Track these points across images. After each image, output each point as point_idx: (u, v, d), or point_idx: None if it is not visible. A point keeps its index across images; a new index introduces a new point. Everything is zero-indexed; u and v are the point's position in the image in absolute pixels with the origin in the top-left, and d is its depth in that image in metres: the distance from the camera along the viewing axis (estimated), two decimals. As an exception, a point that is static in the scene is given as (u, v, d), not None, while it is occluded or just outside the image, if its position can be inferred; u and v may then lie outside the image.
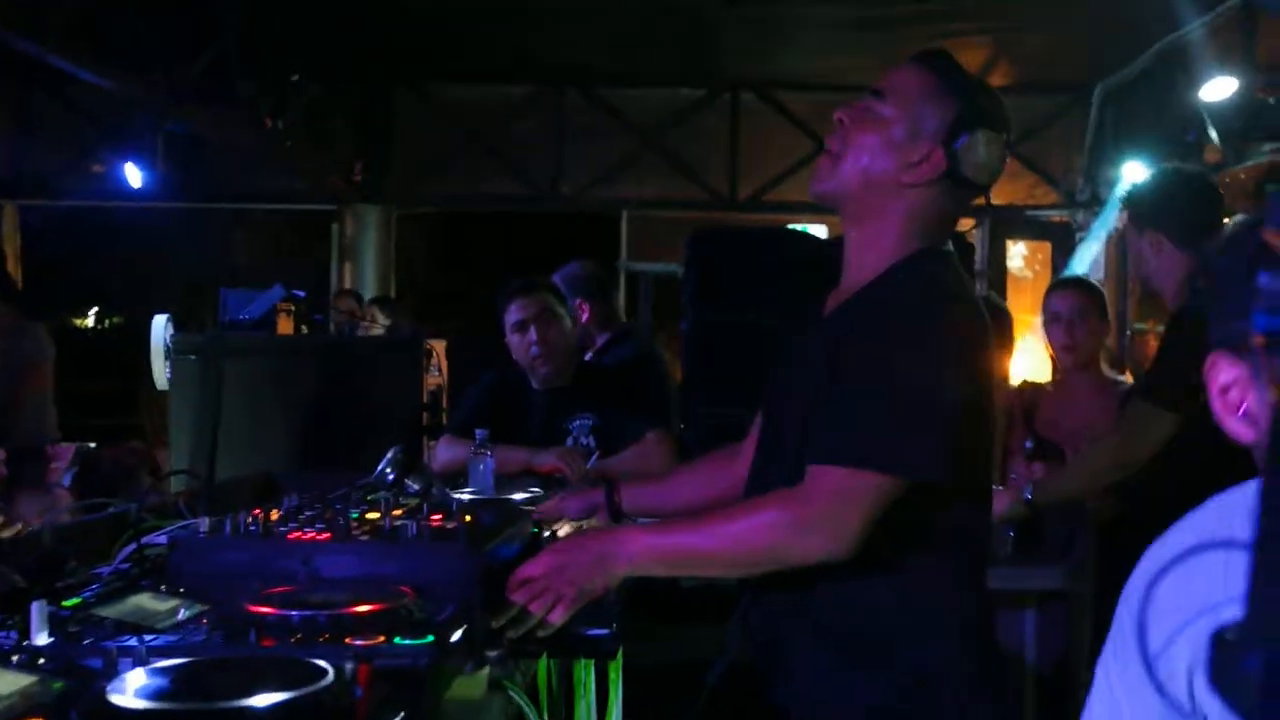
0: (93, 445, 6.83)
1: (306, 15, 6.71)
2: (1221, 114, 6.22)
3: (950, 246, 2.04)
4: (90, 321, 16.03)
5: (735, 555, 1.84)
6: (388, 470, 2.55)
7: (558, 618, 1.80)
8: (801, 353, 2.03)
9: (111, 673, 1.34)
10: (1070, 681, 3.28)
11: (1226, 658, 0.77)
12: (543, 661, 1.85)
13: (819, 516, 1.77)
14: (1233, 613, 0.77)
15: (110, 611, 1.66)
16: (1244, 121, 6.08)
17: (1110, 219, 7.75)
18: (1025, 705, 3.29)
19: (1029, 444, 3.61)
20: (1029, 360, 6.33)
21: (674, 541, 1.89)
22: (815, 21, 6.80)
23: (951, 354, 1.85)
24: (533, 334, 3.61)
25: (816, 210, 8.26)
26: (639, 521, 2.40)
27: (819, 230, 8.49)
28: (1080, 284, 4.22)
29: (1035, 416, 3.84)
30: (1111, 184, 7.63)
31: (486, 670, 1.65)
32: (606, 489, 2.36)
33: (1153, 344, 6.00)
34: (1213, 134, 6.32)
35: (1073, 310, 3.81)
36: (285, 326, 5.33)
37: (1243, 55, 6.17)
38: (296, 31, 6.79)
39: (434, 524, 2.00)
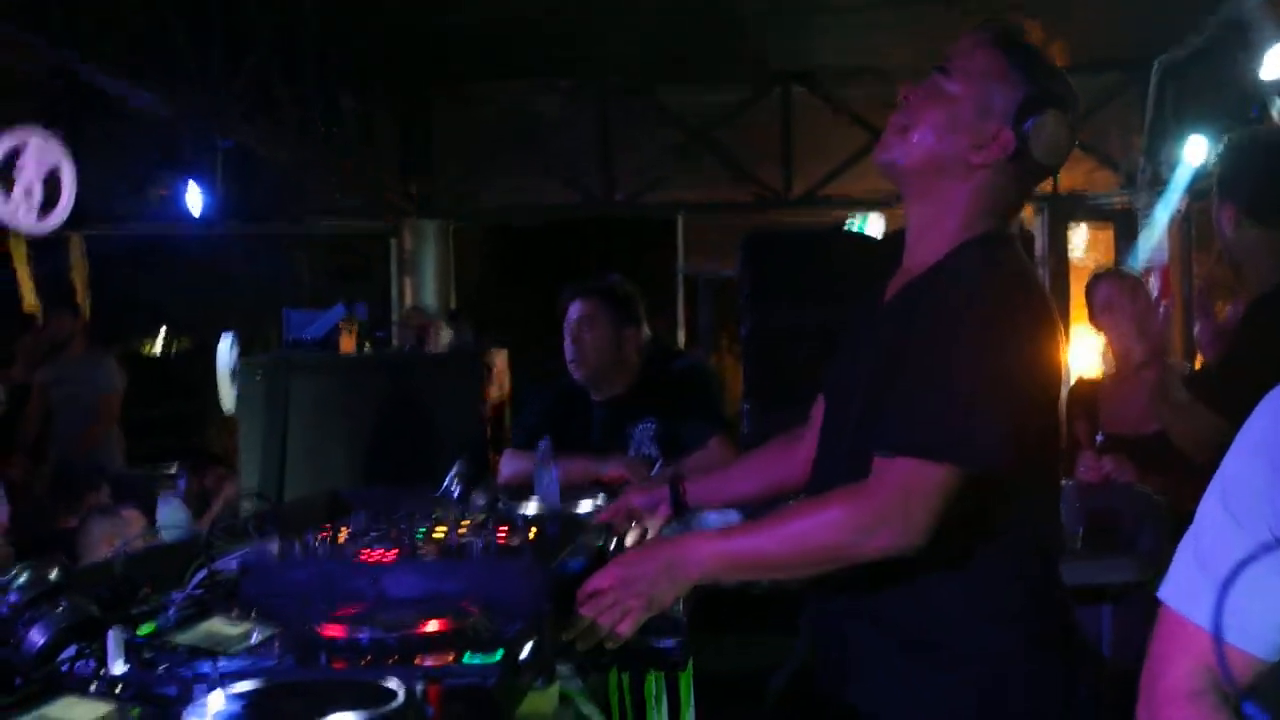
0: (172, 471, 6.93)
1: (346, 26, 6.74)
2: (1284, 87, 6.10)
3: (879, 225, 2.01)
4: (158, 348, 16.26)
5: (802, 556, 1.82)
6: (453, 485, 2.57)
7: (626, 629, 1.79)
8: (863, 339, 2.01)
9: (187, 699, 1.35)
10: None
11: None
12: (613, 674, 1.85)
13: (886, 512, 1.75)
14: None
15: (184, 637, 1.67)
16: (1310, 95, 5.97)
17: (1173, 200, 7.61)
18: (1105, 701, 3.23)
19: (1100, 437, 3.56)
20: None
21: (740, 546, 1.88)
22: (854, 7, 6.72)
23: (1020, 342, 1.82)
24: (570, 337, 3.63)
25: (872, 203, 8.27)
26: (704, 518, 2.40)
27: (876, 222, 8.43)
28: (1119, 275, 4.17)
29: (1099, 411, 3.78)
30: (1174, 164, 7.47)
31: (557, 685, 1.65)
32: (671, 484, 2.35)
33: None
34: (1275, 110, 6.19)
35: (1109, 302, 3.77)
36: (348, 345, 5.39)
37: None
38: (337, 44, 6.81)
39: (500, 539, 2.01)
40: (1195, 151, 7.08)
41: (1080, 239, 8.68)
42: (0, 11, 4.68)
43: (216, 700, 1.33)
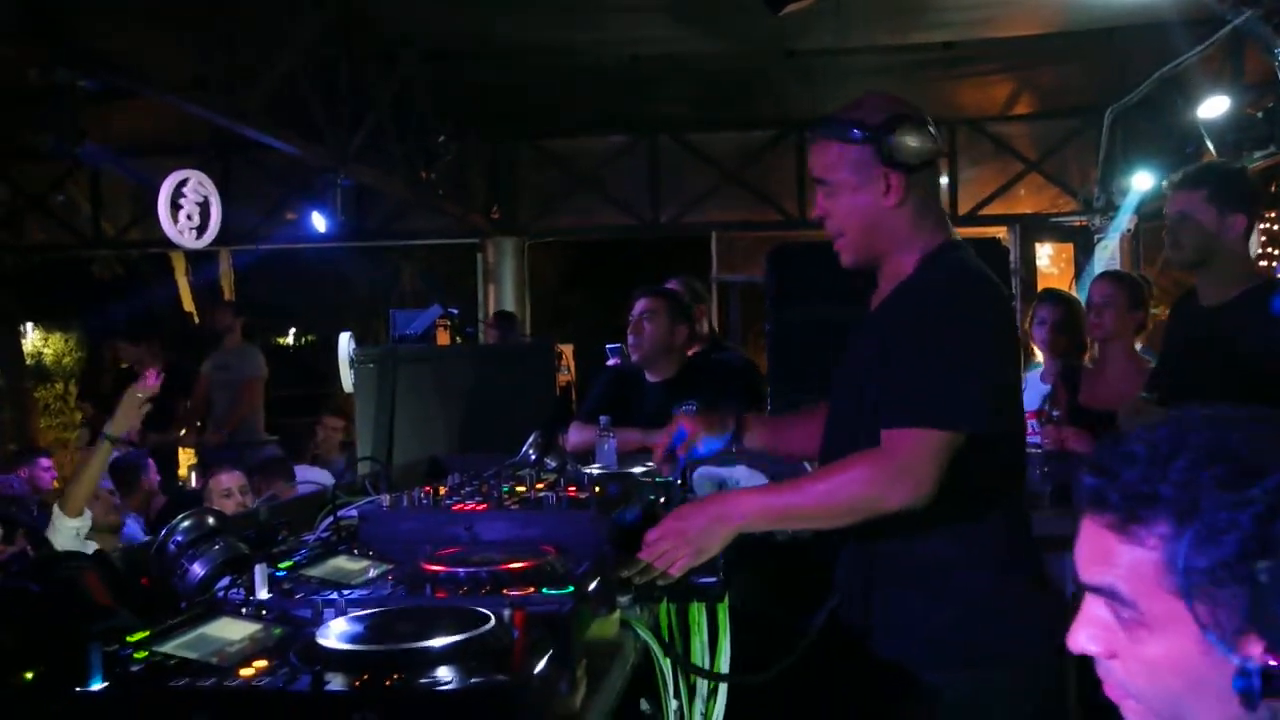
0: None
1: (444, 89, 6.81)
2: (1216, 128, 6.01)
3: (958, 235, 2.00)
4: (290, 340, 16.41)
5: (833, 508, 1.80)
6: (530, 452, 2.56)
7: (676, 572, 1.78)
8: (856, 346, 2.01)
9: (318, 621, 1.35)
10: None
11: None
12: (663, 606, 1.84)
13: (900, 470, 1.75)
14: None
15: (315, 571, 1.68)
16: (1236, 134, 5.87)
17: (1123, 221, 7.54)
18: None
19: (1055, 413, 3.51)
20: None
21: (779, 501, 1.86)
22: (860, 68, 6.69)
23: (982, 325, 1.84)
24: (633, 326, 3.63)
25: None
26: (735, 479, 2.37)
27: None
28: (1113, 276, 4.14)
29: (1079, 390, 3.73)
30: (1123, 192, 7.42)
31: (618, 613, 1.64)
32: (736, 420, 2.27)
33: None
34: (1209, 146, 6.11)
35: (1103, 298, 3.74)
36: (443, 338, 5.41)
37: (1232, 77, 5.97)
38: (438, 102, 6.89)
39: (570, 495, 2.00)
40: (1141, 181, 7.04)
41: (1046, 253, 8.62)
42: (172, 86, 4.77)
43: (342, 623, 1.34)
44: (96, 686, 1.16)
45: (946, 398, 1.76)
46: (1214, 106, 5.93)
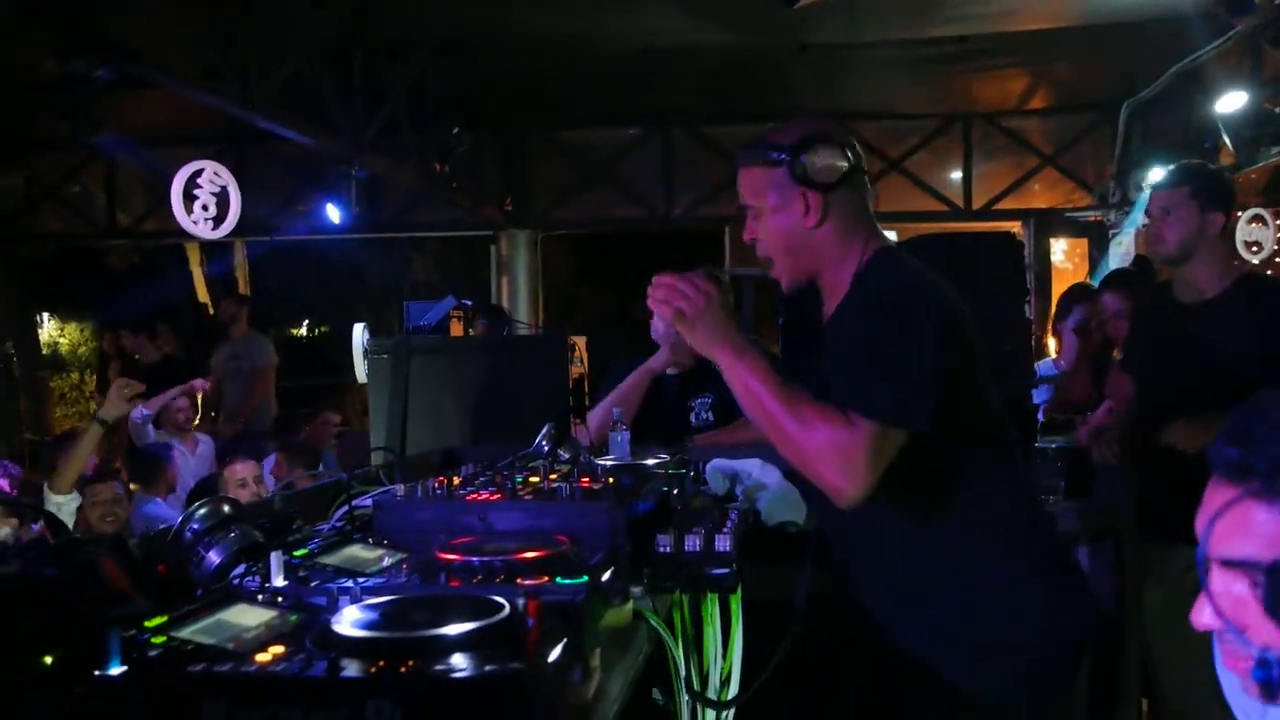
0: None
1: (458, 81, 6.82)
2: (1234, 123, 5.98)
3: (886, 238, 2.01)
4: (303, 331, 16.46)
5: (780, 431, 1.76)
6: (543, 443, 2.56)
7: (654, 303, 1.86)
8: (817, 361, 2.01)
9: (334, 608, 1.36)
10: (1123, 609, 3.17)
11: None
12: (676, 596, 1.84)
13: (852, 455, 1.71)
14: None
15: (330, 559, 1.69)
16: (1254, 129, 5.86)
17: (1138, 217, 7.50)
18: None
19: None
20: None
21: (756, 377, 1.80)
22: (874, 62, 6.67)
23: (921, 325, 1.81)
24: (656, 320, 3.62)
25: (884, 219, 8.20)
26: (748, 471, 2.36)
27: (890, 236, 8.36)
28: (1123, 285, 4.16)
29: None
30: (1139, 187, 7.39)
31: (631, 603, 1.64)
32: None
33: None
34: (1227, 141, 6.08)
35: (1116, 309, 3.80)
36: (457, 329, 5.42)
37: (1251, 72, 5.94)
38: (452, 94, 6.90)
39: (584, 485, 2.00)
40: (1158, 177, 6.96)
41: (1060, 248, 8.58)
42: (187, 77, 4.78)
43: (357, 610, 1.34)
44: (115, 671, 1.17)
45: (883, 393, 1.74)
46: (1232, 101, 5.90)
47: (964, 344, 1.88)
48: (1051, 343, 4.42)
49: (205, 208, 5.70)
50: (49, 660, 1.20)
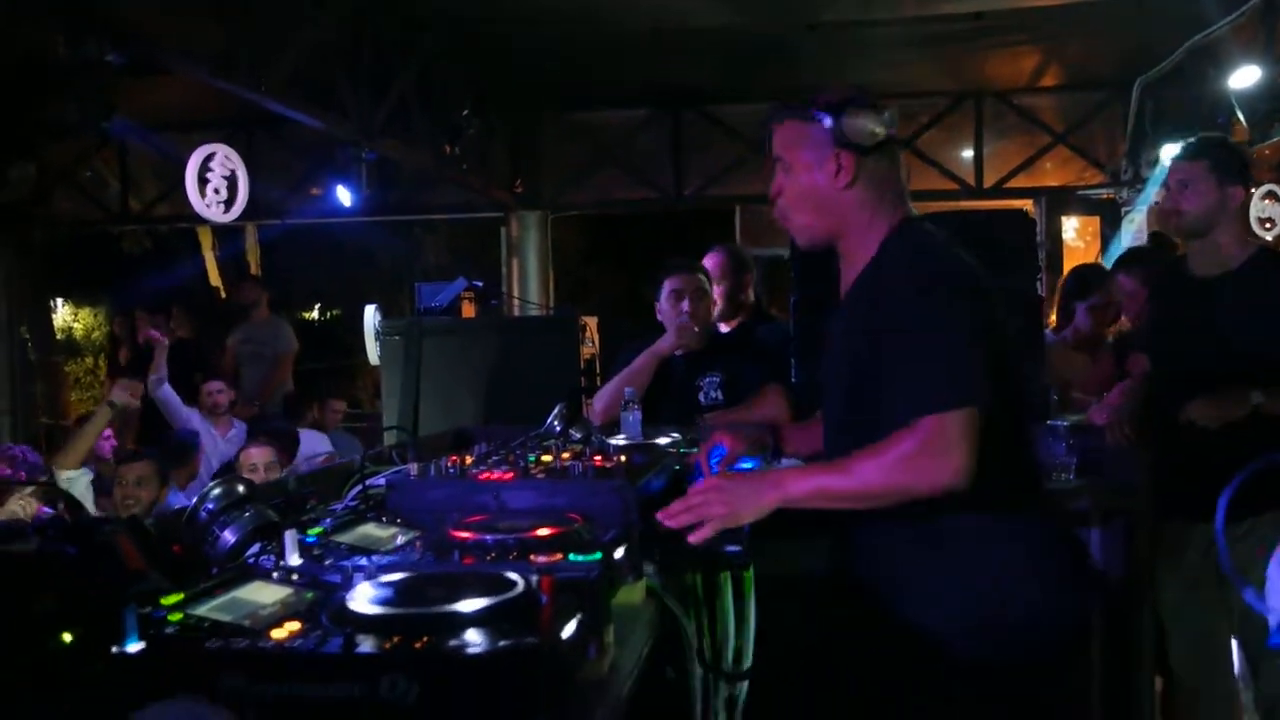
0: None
1: (468, 63, 6.79)
2: (1248, 99, 5.92)
3: (913, 210, 1.99)
4: (315, 314, 16.49)
5: (874, 490, 1.79)
6: (555, 422, 2.57)
7: (707, 532, 1.78)
8: (833, 338, 2.03)
9: (348, 585, 1.37)
10: (1136, 588, 3.16)
11: None
12: (690, 575, 1.84)
13: (938, 453, 1.74)
14: None
15: (344, 538, 1.70)
16: (1269, 104, 5.79)
17: (1151, 194, 7.44)
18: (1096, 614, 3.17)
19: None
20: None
21: (822, 481, 1.84)
22: (884, 40, 6.61)
23: (959, 300, 1.83)
24: (686, 304, 3.61)
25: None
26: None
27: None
28: (1136, 266, 4.14)
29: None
30: (1151, 164, 7.32)
31: (644, 580, 1.64)
32: (772, 433, 2.31)
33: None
34: (1240, 117, 6.01)
35: (1131, 291, 3.78)
36: (468, 311, 5.42)
37: (1265, 46, 5.87)
38: (461, 76, 6.88)
39: (596, 464, 2.01)
40: (1170, 153, 6.91)
41: (1072, 226, 8.53)
42: (198, 61, 4.78)
43: (371, 587, 1.35)
44: (133, 648, 1.18)
45: (955, 378, 1.76)
46: (1245, 76, 5.84)
47: (990, 314, 1.88)
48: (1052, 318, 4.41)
49: (217, 191, 5.71)
50: (67, 638, 1.21)
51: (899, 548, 1.90)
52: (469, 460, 2.09)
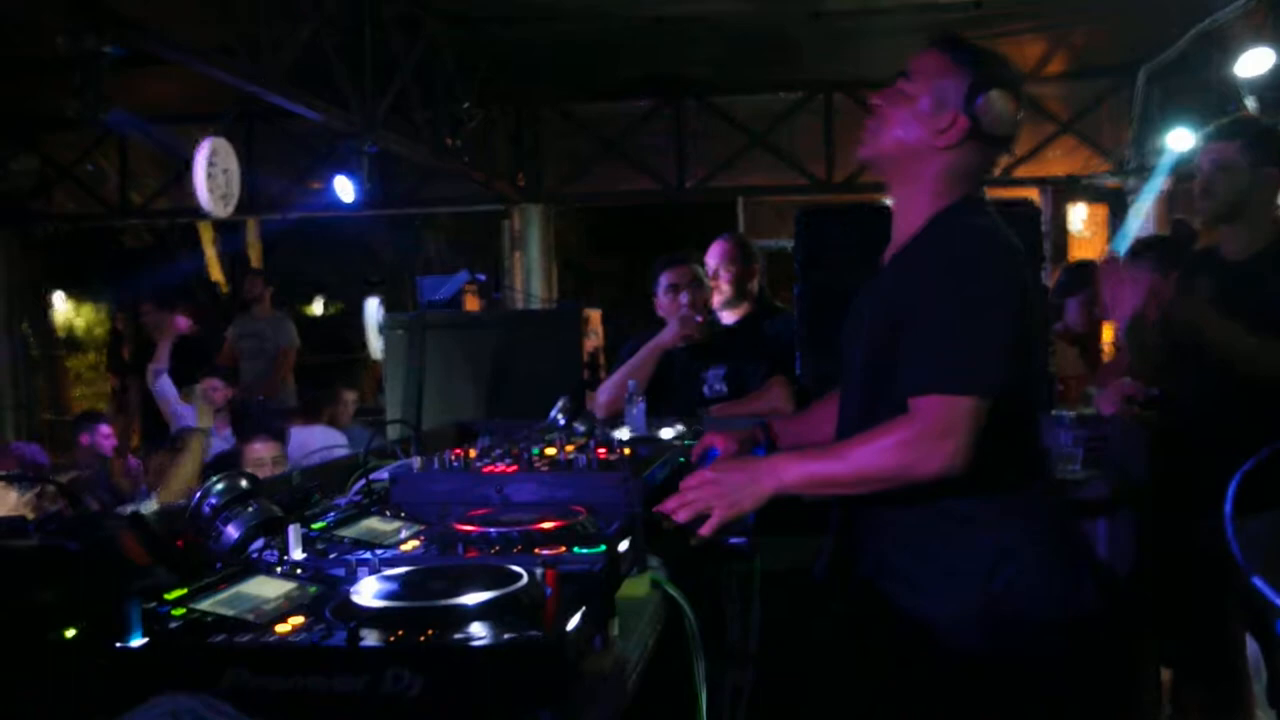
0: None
1: (469, 54, 6.78)
2: (1256, 85, 5.88)
3: (982, 193, 1.95)
4: (318, 309, 16.50)
5: (870, 475, 1.78)
6: (559, 416, 2.57)
7: (708, 529, 1.77)
8: (864, 304, 1.98)
9: (352, 579, 1.37)
10: (1141, 578, 3.15)
11: None
12: (694, 566, 1.84)
13: (936, 436, 1.72)
14: None
15: (348, 532, 1.70)
16: (1277, 91, 5.75)
17: (1158, 183, 7.41)
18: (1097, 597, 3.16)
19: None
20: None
21: (818, 467, 1.83)
22: (887, 28, 6.59)
23: (997, 287, 1.79)
24: (684, 297, 3.61)
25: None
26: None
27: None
28: (1149, 255, 4.10)
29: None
30: (1158, 153, 7.29)
31: (649, 573, 1.64)
32: (763, 428, 2.28)
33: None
34: (1249, 103, 5.98)
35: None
36: (471, 304, 5.42)
37: (1274, 30, 5.83)
38: (463, 69, 6.87)
39: (600, 456, 2.00)
40: (1177, 141, 6.89)
41: (1079, 215, 8.50)
42: (198, 53, 4.77)
43: (375, 581, 1.35)
44: (136, 643, 1.18)
45: (972, 363, 1.74)
46: (1254, 62, 5.80)
47: (1028, 306, 1.86)
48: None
49: (216, 185, 5.70)
50: (71, 633, 1.21)
51: (902, 534, 1.89)
52: (473, 454, 2.09)
